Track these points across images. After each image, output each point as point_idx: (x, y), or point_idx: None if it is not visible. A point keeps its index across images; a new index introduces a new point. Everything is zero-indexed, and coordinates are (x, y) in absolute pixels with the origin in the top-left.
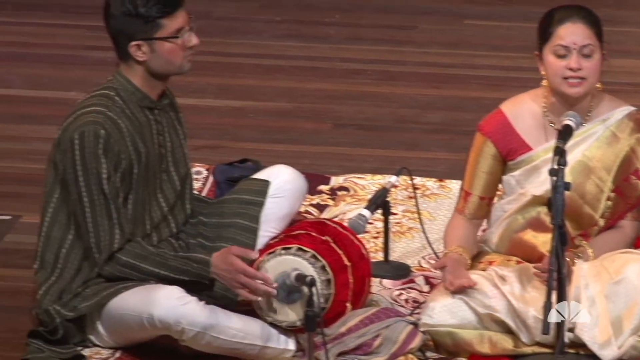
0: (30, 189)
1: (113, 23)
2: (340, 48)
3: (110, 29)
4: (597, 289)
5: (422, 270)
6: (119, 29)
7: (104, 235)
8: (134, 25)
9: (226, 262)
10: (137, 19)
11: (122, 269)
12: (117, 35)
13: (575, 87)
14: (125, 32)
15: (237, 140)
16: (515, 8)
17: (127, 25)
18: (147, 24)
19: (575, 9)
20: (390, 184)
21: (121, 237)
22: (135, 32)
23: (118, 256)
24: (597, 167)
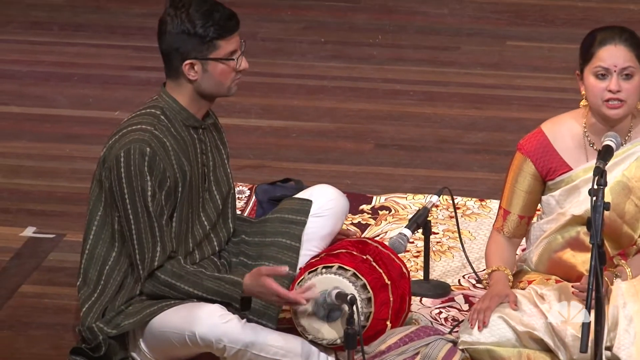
0: (74, 208)
1: (168, 40)
2: (382, 69)
3: (165, 46)
4: (635, 308)
5: (462, 289)
6: (174, 47)
7: (148, 253)
8: (190, 44)
9: (258, 285)
10: (194, 38)
11: (161, 287)
12: (171, 53)
13: (614, 109)
14: (181, 50)
15: (279, 160)
16: (558, 29)
17: (183, 43)
18: (203, 44)
19: (617, 31)
20: (431, 203)
21: (162, 255)
22: (191, 51)
23: (158, 274)
24: (636, 187)
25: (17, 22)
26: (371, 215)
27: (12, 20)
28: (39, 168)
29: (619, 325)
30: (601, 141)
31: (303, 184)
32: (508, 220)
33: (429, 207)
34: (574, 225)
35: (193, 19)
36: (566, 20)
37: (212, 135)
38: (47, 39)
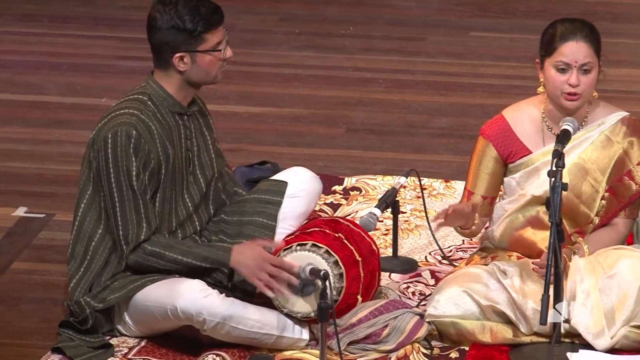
0: (63, 189)
1: (159, 35)
2: (353, 58)
3: (155, 40)
4: (591, 283)
5: (428, 265)
6: (164, 41)
7: (132, 228)
8: (179, 38)
9: (253, 252)
10: (184, 33)
11: (148, 257)
12: (161, 47)
13: (572, 101)
14: (171, 44)
15: (257, 144)
16: (518, 21)
17: (173, 37)
18: (192, 38)
19: (579, 26)
20: (399, 184)
21: (148, 230)
22: (180, 44)
23: (145, 246)
24: (592, 168)
25: (10, 14)
26: (343, 196)
27: (5, 12)
28: (30, 152)
29: (577, 299)
30: (559, 126)
31: (279, 167)
32: (472, 200)
33: (397, 187)
34: (533, 205)
35: (181, 14)
36: (526, 12)
37: (198, 121)
38: (38, 30)
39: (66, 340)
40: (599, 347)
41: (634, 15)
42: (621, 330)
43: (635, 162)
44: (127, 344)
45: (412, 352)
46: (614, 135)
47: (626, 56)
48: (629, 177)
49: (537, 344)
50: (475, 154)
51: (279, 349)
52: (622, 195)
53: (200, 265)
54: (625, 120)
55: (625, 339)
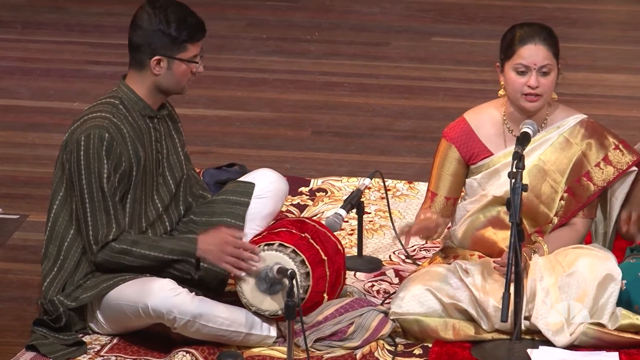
0: (36, 191)
1: (141, 34)
2: (319, 63)
3: (137, 39)
4: (551, 281)
5: (392, 264)
6: (146, 42)
7: (101, 229)
8: (162, 42)
9: (216, 236)
10: (167, 38)
11: (116, 255)
12: (142, 46)
13: (532, 102)
14: (152, 46)
15: (225, 146)
16: (478, 26)
17: (155, 40)
18: (174, 44)
19: (537, 30)
20: (364, 185)
21: (117, 230)
22: (161, 48)
23: (112, 244)
24: (551, 169)
25: None
26: (309, 197)
27: None
28: (3, 154)
29: (537, 296)
30: (519, 128)
31: (246, 168)
32: (435, 202)
33: (362, 189)
34: (494, 205)
35: (169, 20)
36: (486, 17)
37: (167, 124)
38: (11, 37)
39: (40, 338)
40: (559, 344)
41: (590, 20)
42: (580, 327)
43: (593, 163)
44: (99, 341)
45: (377, 348)
46: (573, 137)
47: (583, 60)
48: (587, 178)
49: (498, 340)
50: (438, 156)
51: (248, 346)
52: (580, 196)
53: (167, 257)
54: (583, 123)
55: (584, 335)
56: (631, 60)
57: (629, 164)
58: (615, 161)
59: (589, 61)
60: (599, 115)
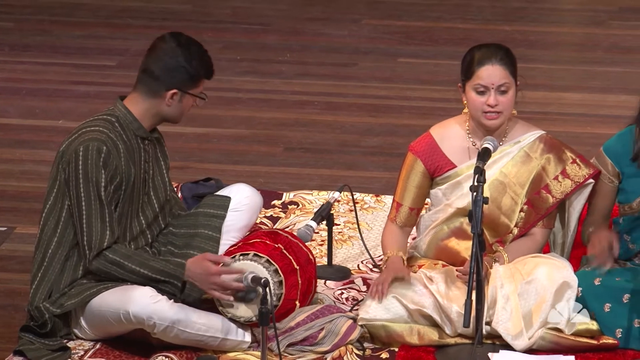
0: (24, 204)
1: (165, 67)
2: (290, 82)
3: (157, 70)
4: (511, 288)
5: (360, 273)
6: (168, 74)
7: (96, 235)
8: (182, 77)
9: (202, 267)
10: (187, 74)
11: (108, 265)
12: (161, 77)
13: (492, 119)
14: (173, 79)
15: (202, 162)
16: (441, 48)
17: (176, 74)
18: (192, 80)
19: (494, 50)
20: (334, 199)
21: (110, 237)
22: (180, 82)
23: (106, 253)
24: (512, 182)
25: None
26: (282, 210)
27: None
28: None
29: (497, 303)
30: (481, 144)
31: (222, 183)
32: (400, 212)
33: (332, 202)
34: (458, 216)
35: (192, 58)
36: (448, 39)
37: (155, 148)
38: None
39: (27, 344)
40: (518, 348)
41: (548, 42)
42: (538, 332)
43: (552, 176)
44: (83, 346)
45: (346, 353)
46: (532, 152)
47: (542, 80)
48: (546, 191)
49: (461, 345)
50: (404, 169)
51: (223, 350)
52: (539, 208)
53: (155, 277)
54: (542, 138)
55: (542, 340)
56: (586, 80)
57: (585, 177)
58: (573, 174)
59: (547, 81)
60: (557, 131)
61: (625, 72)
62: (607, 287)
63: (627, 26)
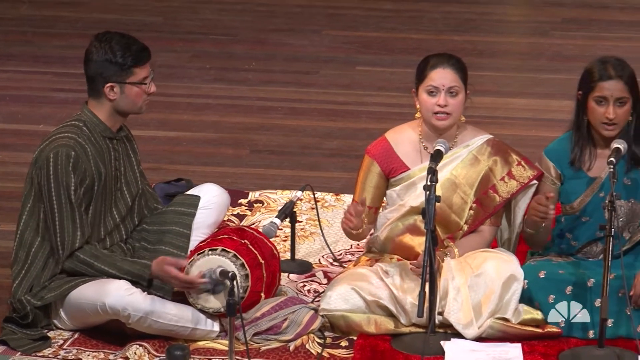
0: (7, 204)
1: (93, 67)
2: (256, 89)
3: (90, 71)
4: (461, 281)
5: (321, 267)
6: (98, 72)
7: (68, 236)
8: (111, 70)
9: (162, 270)
10: (115, 66)
11: (79, 265)
12: (95, 77)
13: (442, 120)
14: (104, 75)
15: (173, 163)
16: (397, 57)
17: (105, 69)
18: (122, 70)
19: (446, 57)
20: (296, 197)
21: (82, 238)
22: (112, 75)
23: (77, 254)
24: (462, 183)
25: None
26: (248, 208)
27: None
28: None
29: (449, 294)
30: (433, 146)
31: (192, 183)
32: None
33: (295, 200)
34: (412, 214)
35: (114, 49)
36: (403, 49)
37: (125, 145)
38: None
39: (10, 334)
40: (468, 336)
41: (496, 51)
42: (487, 321)
43: (498, 177)
44: (62, 336)
45: (308, 341)
46: (481, 154)
47: (489, 87)
48: (493, 191)
49: (415, 333)
50: (362, 171)
51: (194, 339)
52: (487, 206)
53: (122, 277)
54: (490, 142)
55: (490, 329)
56: (531, 86)
57: (530, 178)
58: (518, 175)
59: (495, 87)
60: (503, 135)
61: (568, 79)
62: (551, 280)
63: (569, 36)
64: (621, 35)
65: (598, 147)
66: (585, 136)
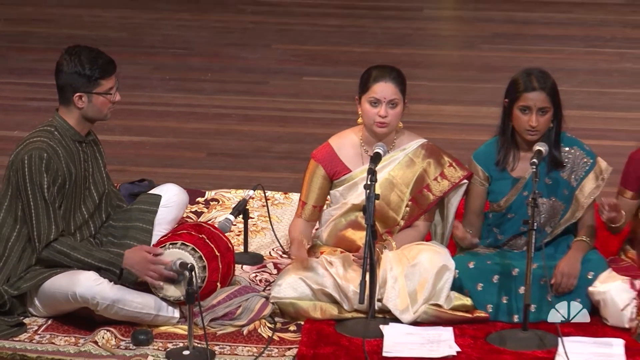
0: None
1: (64, 77)
2: (212, 98)
3: (60, 82)
4: (398, 271)
5: (272, 258)
6: (68, 83)
7: (44, 229)
8: (80, 81)
9: (140, 256)
10: (83, 77)
11: (57, 255)
12: (65, 87)
13: (381, 128)
14: (72, 85)
15: (137, 165)
16: (340, 68)
17: (74, 80)
18: (89, 81)
19: (388, 71)
20: (249, 196)
21: (56, 231)
22: (80, 86)
23: (54, 245)
24: (399, 183)
25: None
26: (204, 205)
27: None
28: None
29: (387, 283)
30: (372, 150)
31: (154, 183)
32: (305, 209)
33: (247, 198)
34: (353, 211)
35: (83, 62)
36: (346, 61)
37: (92, 148)
38: None
39: None
40: (405, 321)
41: (430, 63)
42: (422, 307)
43: (432, 177)
44: (37, 322)
45: (260, 326)
46: (416, 157)
47: (424, 95)
48: (427, 190)
49: (357, 318)
50: (308, 173)
51: (156, 325)
52: (422, 204)
53: (97, 265)
54: (424, 146)
55: (425, 314)
56: (462, 94)
57: (460, 178)
58: (450, 176)
59: (429, 95)
60: (437, 139)
61: (495, 88)
62: (479, 270)
63: (496, 49)
64: (544, 48)
65: (522, 150)
66: (510, 140)
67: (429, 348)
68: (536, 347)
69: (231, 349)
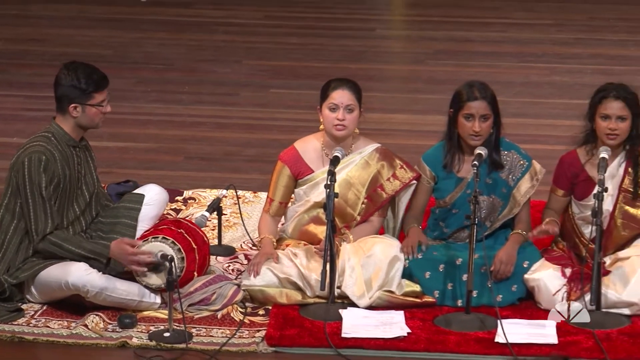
0: None
1: (61, 89)
2: (189, 108)
3: (58, 93)
4: (355, 261)
5: (243, 251)
6: (64, 94)
7: (40, 224)
8: (75, 93)
9: (120, 248)
10: (79, 90)
11: (51, 246)
12: (62, 98)
13: (340, 130)
14: (69, 96)
15: (122, 168)
16: (304, 81)
17: (71, 92)
18: (84, 94)
19: (345, 81)
20: (222, 195)
21: (52, 225)
22: (75, 98)
23: (49, 237)
24: (355, 183)
25: None
26: (183, 203)
27: None
28: None
29: (346, 272)
30: (332, 152)
31: (138, 184)
32: (272, 205)
33: (221, 197)
34: (315, 208)
35: (79, 77)
36: (308, 75)
37: (85, 153)
38: None
39: None
40: (362, 305)
41: (384, 77)
42: (376, 293)
43: (385, 178)
44: (33, 308)
45: (233, 310)
46: (371, 160)
47: (378, 105)
48: (381, 189)
49: (318, 303)
50: (275, 173)
51: (140, 310)
52: (376, 201)
53: (86, 255)
54: (378, 149)
55: (379, 299)
56: (410, 104)
57: (410, 179)
58: (401, 176)
59: (382, 105)
60: (389, 144)
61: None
62: (427, 259)
63: (440, 64)
64: (482, 63)
65: (466, 153)
66: (455, 145)
67: (383, 329)
68: (478, 329)
69: (207, 331)
